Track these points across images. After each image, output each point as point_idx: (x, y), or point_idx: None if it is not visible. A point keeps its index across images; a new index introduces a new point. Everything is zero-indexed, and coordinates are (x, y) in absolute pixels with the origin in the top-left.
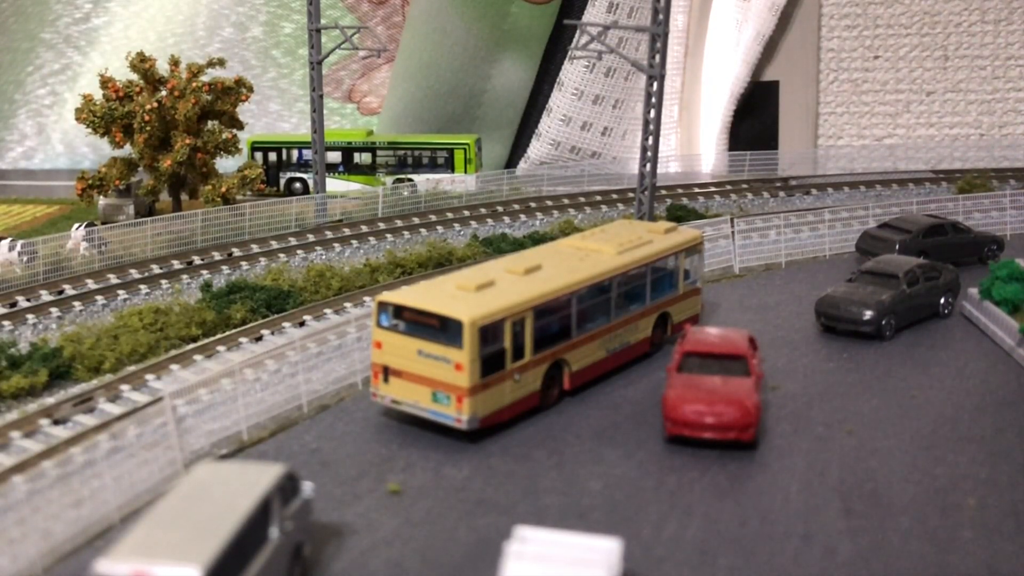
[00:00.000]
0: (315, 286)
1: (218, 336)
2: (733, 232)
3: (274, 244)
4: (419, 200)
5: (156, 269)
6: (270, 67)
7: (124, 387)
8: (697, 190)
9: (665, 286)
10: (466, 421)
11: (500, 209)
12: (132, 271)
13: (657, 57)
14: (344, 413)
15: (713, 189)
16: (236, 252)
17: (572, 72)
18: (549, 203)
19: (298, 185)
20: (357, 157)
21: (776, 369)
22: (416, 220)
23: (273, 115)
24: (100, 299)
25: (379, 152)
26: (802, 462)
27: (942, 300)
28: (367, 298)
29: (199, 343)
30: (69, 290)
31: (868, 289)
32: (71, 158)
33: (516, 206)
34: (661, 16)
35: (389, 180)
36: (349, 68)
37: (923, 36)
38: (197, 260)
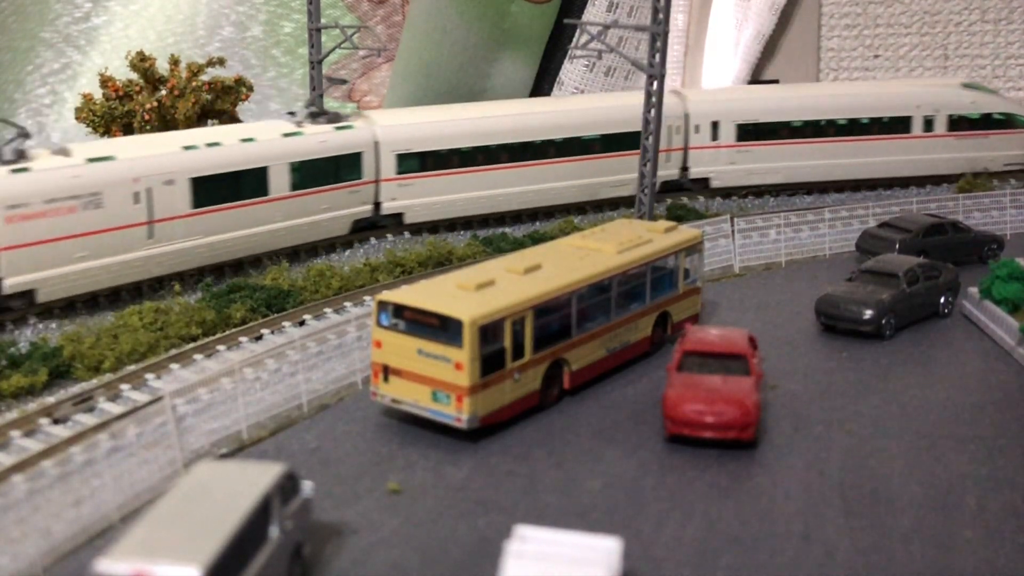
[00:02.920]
0: (315, 285)
1: (218, 335)
2: (733, 231)
3: None
4: None
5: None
6: (270, 66)
7: (124, 386)
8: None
9: (665, 285)
10: (466, 420)
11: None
12: None
13: (657, 56)
14: (344, 412)
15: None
16: None
17: (572, 71)
18: None
19: None
20: None
21: (776, 368)
22: None
23: (273, 114)
24: (100, 298)
25: None
26: (802, 462)
27: (942, 299)
28: (367, 297)
29: (199, 342)
30: None
31: (868, 288)
32: None
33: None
34: (661, 15)
35: None
36: (349, 67)
37: (923, 35)
38: None
